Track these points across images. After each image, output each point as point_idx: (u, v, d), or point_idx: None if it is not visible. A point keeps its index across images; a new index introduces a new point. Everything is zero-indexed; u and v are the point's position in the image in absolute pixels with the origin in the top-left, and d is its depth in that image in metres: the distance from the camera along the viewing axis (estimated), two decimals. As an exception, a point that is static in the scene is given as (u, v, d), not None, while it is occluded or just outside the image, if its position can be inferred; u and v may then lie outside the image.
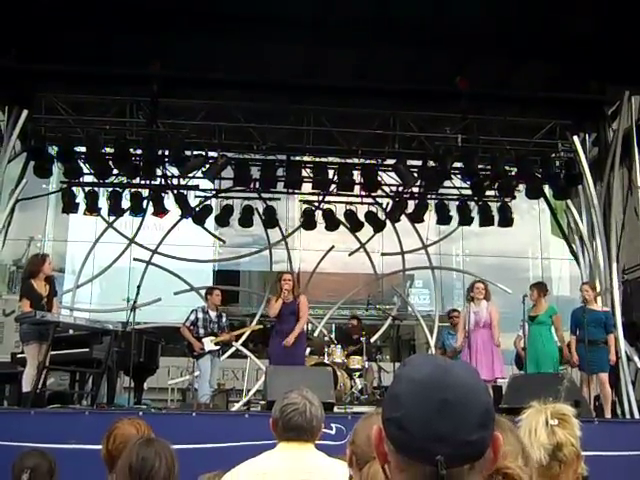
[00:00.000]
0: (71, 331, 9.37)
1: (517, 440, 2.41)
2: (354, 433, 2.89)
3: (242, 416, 9.20)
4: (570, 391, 8.86)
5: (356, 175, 13.96)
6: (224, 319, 11.63)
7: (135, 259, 17.49)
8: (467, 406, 1.39)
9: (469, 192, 14.41)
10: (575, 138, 13.50)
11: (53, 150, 13.09)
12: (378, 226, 15.15)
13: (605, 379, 10.40)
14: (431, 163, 13.57)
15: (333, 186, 14.15)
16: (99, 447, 3.78)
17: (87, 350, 9.49)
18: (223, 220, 14.79)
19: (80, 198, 13.68)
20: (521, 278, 21.79)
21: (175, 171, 13.79)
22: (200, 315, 11.32)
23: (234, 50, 12.17)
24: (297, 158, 14.08)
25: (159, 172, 13.84)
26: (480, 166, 13.64)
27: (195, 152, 13.19)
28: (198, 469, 5.70)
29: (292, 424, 3.45)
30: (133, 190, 13.88)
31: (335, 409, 9.56)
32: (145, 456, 2.93)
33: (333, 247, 17.78)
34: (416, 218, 15.04)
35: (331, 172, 13.96)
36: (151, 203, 13.91)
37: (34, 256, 10.46)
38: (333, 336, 16.92)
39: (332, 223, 14.83)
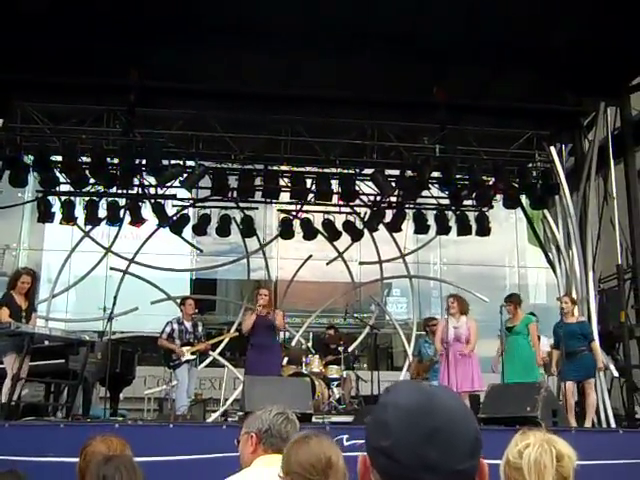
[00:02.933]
0: (47, 342, 9.28)
1: None
2: (285, 461, 2.84)
3: (220, 427, 9.16)
4: (547, 400, 8.92)
5: (334, 185, 13.94)
6: (200, 328, 11.57)
7: (112, 268, 17.40)
8: (456, 434, 1.37)
9: (447, 202, 14.46)
10: (552, 148, 13.61)
11: (29, 159, 12.97)
12: (356, 235, 15.16)
13: (591, 386, 10.46)
14: (409, 173, 13.59)
15: (311, 195, 14.15)
16: (75, 460, 3.74)
17: (63, 361, 9.40)
18: (200, 229, 14.72)
19: (56, 207, 13.57)
20: (498, 286, 21.94)
21: (152, 180, 13.73)
22: (175, 326, 11.26)
23: (212, 60, 12.17)
24: (275, 168, 14.03)
25: (136, 181, 13.77)
26: (458, 176, 13.69)
27: (173, 161, 13.15)
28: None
29: (284, 433, 3.41)
30: (110, 199, 13.78)
31: (313, 419, 9.53)
32: (105, 474, 2.95)
33: (311, 256, 17.79)
34: (394, 227, 15.07)
35: (309, 182, 13.96)
36: (128, 212, 13.82)
37: (16, 270, 10.38)
38: (310, 344, 16.91)
39: (310, 232, 14.82)
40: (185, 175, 13.20)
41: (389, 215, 14.74)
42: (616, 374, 12.35)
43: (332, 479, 2.70)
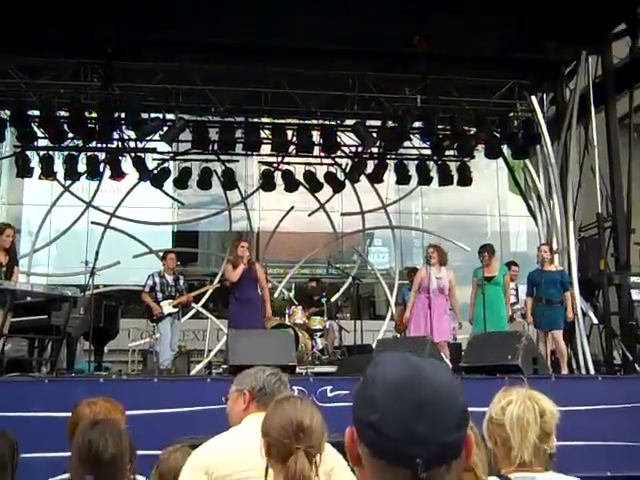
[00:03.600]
0: (29, 298, 9.27)
1: (484, 452, 2.48)
2: (265, 422, 2.85)
3: (204, 380, 9.22)
4: (528, 349, 9.03)
5: (315, 136, 13.88)
6: (181, 281, 11.62)
7: (93, 222, 17.34)
8: (444, 407, 1.38)
9: (428, 152, 14.45)
10: (533, 98, 13.57)
11: (5, 114, 12.83)
12: (337, 186, 15.17)
13: (559, 336, 10.60)
14: (390, 123, 13.56)
15: (292, 147, 14.10)
16: (59, 414, 3.77)
17: (46, 317, 9.40)
18: (182, 183, 14.65)
19: (35, 162, 13.46)
20: (479, 234, 22.06)
21: (132, 134, 13.62)
22: (157, 280, 11.30)
23: (192, 11, 11.95)
24: (255, 120, 13.96)
25: (116, 135, 13.67)
26: (439, 126, 13.65)
27: (152, 115, 13.05)
28: (162, 434, 5.74)
29: (277, 394, 3.43)
30: (89, 154, 13.67)
31: (297, 370, 9.63)
32: (90, 438, 2.99)
33: (293, 207, 17.79)
34: (375, 178, 15.07)
35: (290, 133, 13.89)
36: (108, 166, 13.74)
37: None
38: (292, 295, 17.01)
39: (291, 184, 14.79)
40: (165, 128, 13.11)
41: (370, 166, 14.72)
42: (595, 321, 12.50)
43: (305, 442, 2.72)
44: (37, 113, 12.81)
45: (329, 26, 12.16)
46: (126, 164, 13.89)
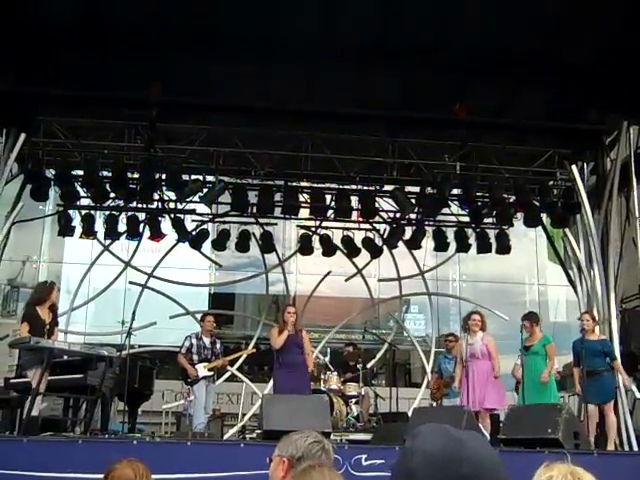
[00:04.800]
0: (66, 357, 9.29)
1: None
2: None
3: (237, 445, 9.10)
4: (569, 422, 8.81)
5: (354, 201, 13.91)
6: (218, 345, 11.55)
7: (131, 282, 17.46)
8: None
9: (467, 219, 14.39)
10: (573, 167, 13.52)
11: (50, 173, 13.07)
12: (375, 252, 15.12)
13: (610, 408, 10.33)
14: (429, 190, 13.54)
15: (330, 212, 14.13)
16: (92, 476, 3.72)
17: (81, 376, 9.39)
18: (220, 244, 14.70)
19: (76, 221, 13.62)
20: (518, 302, 21.82)
21: (172, 195, 13.76)
22: (194, 341, 11.25)
23: (232, 74, 12.17)
24: (295, 184, 14.04)
25: (156, 196, 13.81)
26: (478, 194, 13.63)
27: (193, 176, 13.19)
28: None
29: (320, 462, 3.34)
30: (130, 214, 13.81)
31: (331, 437, 9.47)
32: None
33: (330, 272, 17.76)
34: (413, 244, 14.99)
35: (329, 198, 13.94)
36: (147, 227, 13.85)
37: (42, 283, 10.42)
38: (328, 360, 16.87)
39: (329, 248, 14.77)
40: (205, 190, 13.23)
41: (409, 232, 14.68)
42: (639, 395, 12.20)
43: None
44: (81, 172, 13.02)
45: (369, 91, 12.31)
46: (165, 225, 13.99)
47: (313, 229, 14.97)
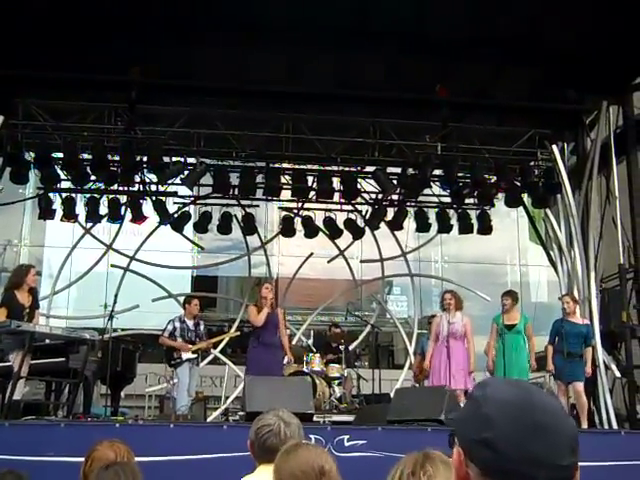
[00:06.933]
0: (47, 340, 9.25)
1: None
2: (276, 471, 2.79)
3: (220, 427, 9.12)
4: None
5: (335, 183, 13.91)
6: (202, 327, 11.53)
7: (113, 265, 17.41)
8: (558, 430, 1.39)
9: (448, 200, 14.42)
10: (554, 147, 13.55)
11: (30, 156, 12.97)
12: (357, 233, 15.13)
13: (581, 388, 10.42)
14: (411, 171, 13.55)
15: (312, 193, 14.12)
16: (75, 459, 3.72)
17: (63, 360, 9.36)
18: (202, 227, 14.69)
19: (57, 204, 13.55)
20: (499, 283, 21.92)
21: (153, 177, 13.70)
22: (177, 324, 11.22)
23: (213, 57, 12.11)
24: (276, 165, 14.01)
25: (137, 179, 13.75)
26: (459, 174, 13.66)
27: (174, 159, 13.14)
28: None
29: (267, 446, 3.38)
30: (111, 196, 13.75)
31: (314, 418, 9.51)
32: (104, 479, 2.94)
33: (312, 254, 17.79)
34: (395, 225, 15.03)
35: (310, 179, 13.94)
36: (129, 209, 13.80)
37: (19, 267, 10.36)
38: (311, 342, 16.91)
39: (311, 230, 14.78)
40: (186, 172, 13.19)
41: (390, 213, 14.70)
42: (618, 374, 12.30)
43: None
44: (61, 155, 12.93)
45: (350, 72, 12.29)
46: (147, 207, 13.94)
47: (295, 211, 14.97)
